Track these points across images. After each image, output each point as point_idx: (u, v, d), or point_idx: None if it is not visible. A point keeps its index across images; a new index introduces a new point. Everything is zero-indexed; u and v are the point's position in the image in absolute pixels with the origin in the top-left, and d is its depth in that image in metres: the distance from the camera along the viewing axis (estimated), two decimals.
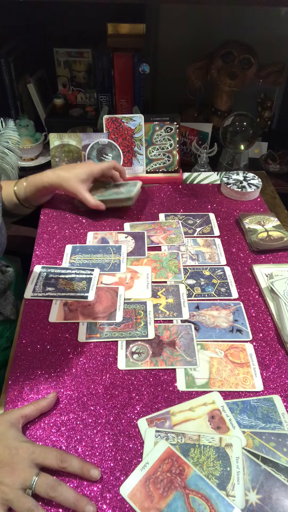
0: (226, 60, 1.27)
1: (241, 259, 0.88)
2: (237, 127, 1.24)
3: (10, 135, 0.78)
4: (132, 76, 1.33)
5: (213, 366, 0.67)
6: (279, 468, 0.54)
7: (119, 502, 0.52)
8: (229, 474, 0.53)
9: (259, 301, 0.79)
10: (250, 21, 1.40)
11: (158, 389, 0.64)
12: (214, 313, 0.76)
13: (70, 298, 0.78)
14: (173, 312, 0.76)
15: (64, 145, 1.08)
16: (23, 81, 1.41)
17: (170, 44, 1.46)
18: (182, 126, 1.36)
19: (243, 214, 0.99)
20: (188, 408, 0.61)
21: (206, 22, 1.40)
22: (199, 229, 0.96)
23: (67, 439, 0.58)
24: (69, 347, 0.70)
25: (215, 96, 1.39)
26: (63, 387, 0.64)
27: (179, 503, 0.51)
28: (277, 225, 0.95)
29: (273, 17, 1.40)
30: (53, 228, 0.96)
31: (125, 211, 1.01)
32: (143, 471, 0.54)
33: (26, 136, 1.36)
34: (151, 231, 0.95)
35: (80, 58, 1.44)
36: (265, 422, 0.59)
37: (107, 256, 0.88)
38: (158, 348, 0.70)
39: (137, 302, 0.77)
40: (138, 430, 0.59)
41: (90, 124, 1.40)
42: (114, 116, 1.07)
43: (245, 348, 0.70)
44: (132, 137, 1.09)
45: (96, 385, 0.64)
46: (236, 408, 0.61)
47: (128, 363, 0.67)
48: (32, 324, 0.74)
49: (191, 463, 0.54)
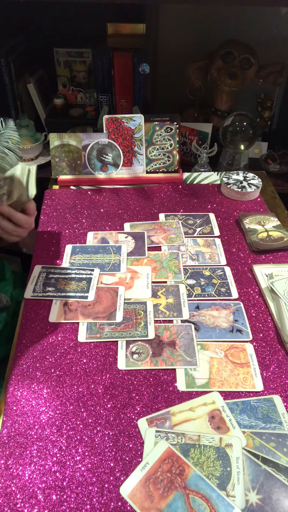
0: (226, 60, 1.27)
1: (241, 259, 0.88)
2: (237, 127, 1.24)
3: (10, 135, 0.78)
4: (132, 76, 1.33)
5: (213, 366, 0.67)
6: (279, 468, 0.54)
7: (119, 502, 0.51)
8: (229, 474, 0.53)
9: (259, 301, 0.79)
10: (250, 21, 1.39)
11: (158, 389, 0.64)
12: (214, 313, 0.76)
13: (70, 298, 0.78)
14: (173, 312, 0.76)
15: (64, 145, 1.08)
16: (23, 81, 1.40)
17: (170, 44, 1.45)
18: (182, 126, 1.36)
19: (243, 214, 0.99)
20: (188, 408, 0.61)
21: (206, 22, 1.40)
22: (199, 229, 0.96)
23: (67, 439, 0.58)
24: (69, 347, 0.70)
25: (215, 96, 1.39)
26: (63, 387, 0.64)
27: (179, 503, 0.51)
28: (277, 225, 0.95)
29: (273, 17, 1.40)
30: (53, 228, 0.96)
31: (125, 211, 1.01)
32: (143, 471, 0.54)
33: (26, 136, 1.36)
34: (151, 231, 0.95)
35: (80, 58, 1.44)
36: (265, 422, 0.59)
37: (107, 256, 0.88)
38: (158, 348, 0.69)
39: (137, 302, 0.77)
40: (138, 430, 0.59)
41: (90, 124, 1.39)
42: (114, 116, 1.07)
43: (245, 348, 0.70)
44: (132, 137, 1.09)
45: (96, 385, 0.64)
46: (236, 408, 0.61)
47: (128, 363, 0.67)
48: (32, 324, 0.74)
49: (191, 463, 0.54)
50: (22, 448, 0.57)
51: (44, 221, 0.98)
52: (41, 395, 0.63)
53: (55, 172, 1.11)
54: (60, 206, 1.03)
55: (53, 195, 1.07)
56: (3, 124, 0.78)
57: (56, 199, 1.05)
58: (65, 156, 1.09)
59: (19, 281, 0.95)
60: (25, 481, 0.54)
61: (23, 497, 0.52)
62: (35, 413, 0.61)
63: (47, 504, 0.52)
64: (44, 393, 0.63)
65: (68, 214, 1.00)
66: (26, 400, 0.62)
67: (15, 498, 0.52)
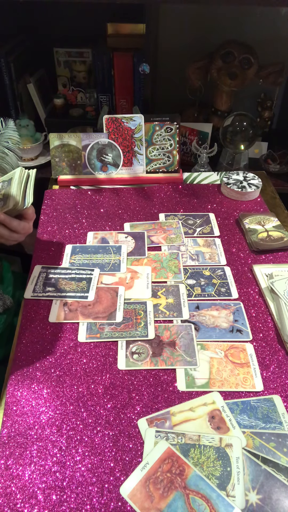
0: (226, 60, 1.27)
1: (241, 259, 0.88)
2: (237, 127, 1.24)
3: (10, 135, 0.78)
4: (132, 76, 1.33)
5: (213, 366, 0.67)
6: (279, 468, 0.54)
7: (119, 502, 0.51)
8: (229, 474, 0.53)
9: (259, 301, 0.79)
10: (250, 21, 1.39)
11: (158, 389, 0.64)
12: (214, 313, 0.76)
13: (70, 298, 0.78)
14: (173, 312, 0.76)
15: (64, 145, 1.08)
16: (23, 81, 1.41)
17: (170, 44, 1.45)
18: (182, 126, 1.36)
19: (243, 214, 0.99)
20: (188, 408, 0.61)
21: (206, 22, 1.40)
22: (199, 229, 0.96)
23: (67, 439, 0.58)
24: (69, 347, 0.70)
25: (215, 96, 1.39)
26: (63, 387, 0.64)
27: (179, 503, 0.51)
28: (277, 225, 0.95)
29: (273, 17, 1.40)
30: (53, 228, 0.96)
31: (125, 211, 1.01)
32: (143, 471, 0.54)
33: (26, 136, 1.36)
34: (151, 231, 0.95)
35: (80, 58, 1.44)
36: (265, 422, 0.59)
37: (107, 256, 0.88)
38: (158, 348, 0.69)
39: (137, 302, 0.77)
40: (138, 430, 0.59)
41: (90, 124, 1.39)
42: (114, 116, 1.07)
43: (245, 348, 0.70)
44: (132, 137, 1.09)
45: (96, 385, 0.64)
46: (236, 408, 0.61)
47: (128, 363, 0.67)
48: (32, 324, 0.74)
49: (191, 463, 0.54)
50: (22, 448, 0.57)
51: (44, 221, 0.98)
52: (41, 395, 0.63)
53: (55, 172, 1.11)
54: (60, 206, 1.03)
55: (53, 195, 1.07)
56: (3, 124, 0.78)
57: (56, 199, 1.05)
58: (65, 156, 1.09)
59: (19, 282, 0.95)
60: (25, 481, 0.54)
61: (23, 497, 0.52)
62: (35, 413, 0.61)
63: (47, 504, 0.52)
64: (44, 393, 0.63)
65: (68, 214, 1.00)
66: (26, 400, 0.62)
67: (15, 498, 0.52)
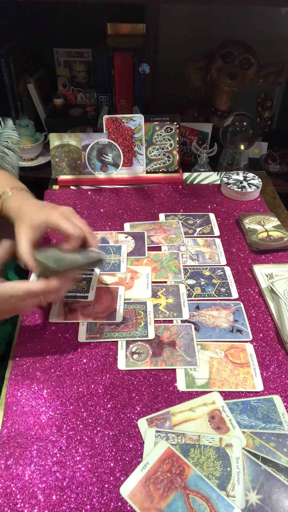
0: (226, 60, 1.27)
1: (241, 259, 0.88)
2: (237, 127, 1.24)
3: (9, 134, 0.78)
4: (132, 76, 1.33)
5: (213, 366, 0.67)
6: (279, 469, 0.54)
7: (119, 502, 0.51)
8: (229, 474, 0.53)
9: (259, 301, 0.79)
10: (250, 21, 1.40)
11: (158, 389, 0.64)
12: (214, 313, 0.76)
13: (70, 298, 0.78)
14: (173, 312, 0.76)
15: (64, 145, 1.08)
16: (23, 81, 1.41)
17: (170, 44, 1.46)
18: (182, 126, 1.36)
19: (243, 214, 0.99)
20: (188, 408, 0.61)
21: (206, 22, 1.40)
22: (199, 229, 0.96)
23: (67, 439, 0.58)
24: (69, 347, 0.70)
25: (215, 96, 1.39)
26: (63, 387, 0.64)
27: (179, 503, 0.51)
28: (277, 225, 0.95)
29: (273, 17, 1.40)
30: None
31: (125, 211, 1.01)
32: (143, 471, 0.54)
33: (26, 136, 1.36)
34: (151, 231, 0.95)
35: (80, 58, 1.44)
36: (265, 422, 0.59)
37: (107, 256, 0.88)
38: (158, 348, 0.69)
39: (137, 302, 0.77)
40: (138, 430, 0.59)
41: (90, 124, 1.40)
42: (114, 116, 1.07)
43: (245, 348, 0.70)
44: (132, 137, 1.09)
45: (96, 385, 0.64)
46: (236, 408, 0.61)
47: (128, 363, 0.67)
48: (32, 324, 0.74)
49: (191, 463, 0.54)
50: (22, 448, 0.57)
51: None
52: (41, 395, 0.63)
53: (55, 172, 1.11)
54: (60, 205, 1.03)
55: (53, 195, 1.07)
56: (2, 124, 0.78)
57: (56, 199, 1.05)
58: (65, 156, 1.09)
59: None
60: (25, 481, 0.54)
61: (23, 497, 0.52)
62: (35, 413, 0.61)
63: (47, 504, 0.52)
64: (44, 393, 0.63)
65: None
66: (26, 400, 0.62)
67: (15, 498, 0.52)
